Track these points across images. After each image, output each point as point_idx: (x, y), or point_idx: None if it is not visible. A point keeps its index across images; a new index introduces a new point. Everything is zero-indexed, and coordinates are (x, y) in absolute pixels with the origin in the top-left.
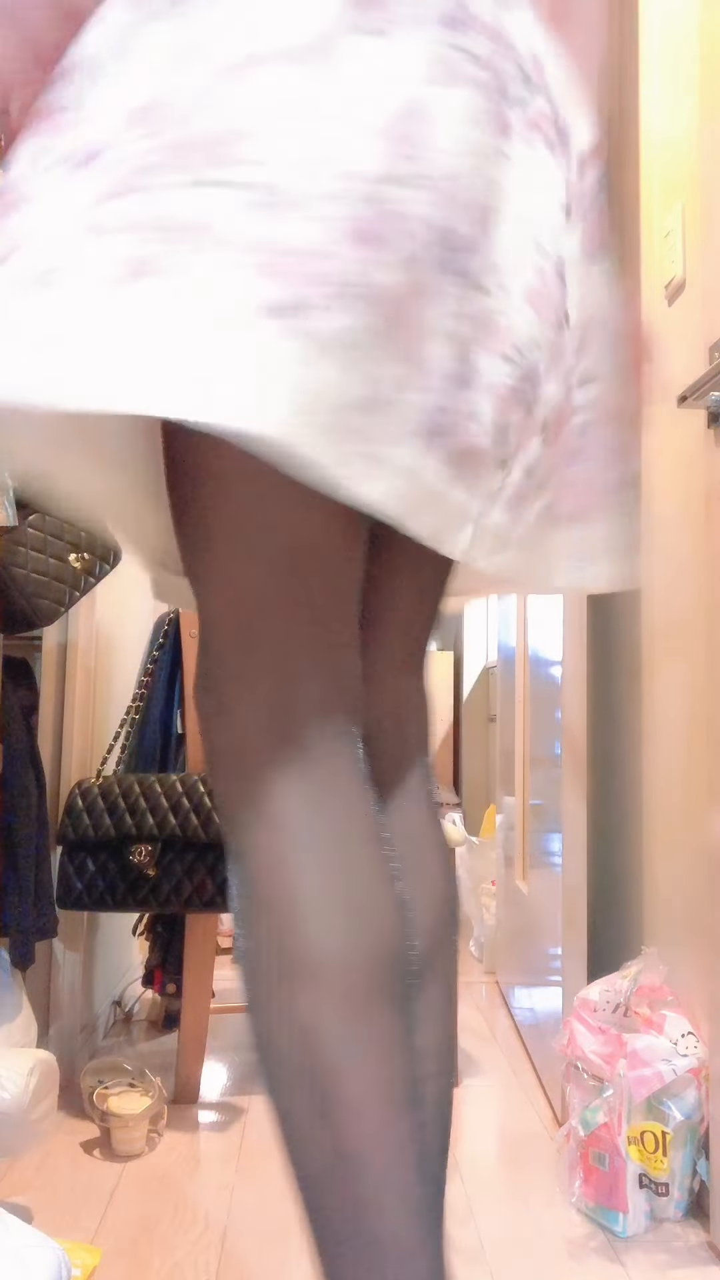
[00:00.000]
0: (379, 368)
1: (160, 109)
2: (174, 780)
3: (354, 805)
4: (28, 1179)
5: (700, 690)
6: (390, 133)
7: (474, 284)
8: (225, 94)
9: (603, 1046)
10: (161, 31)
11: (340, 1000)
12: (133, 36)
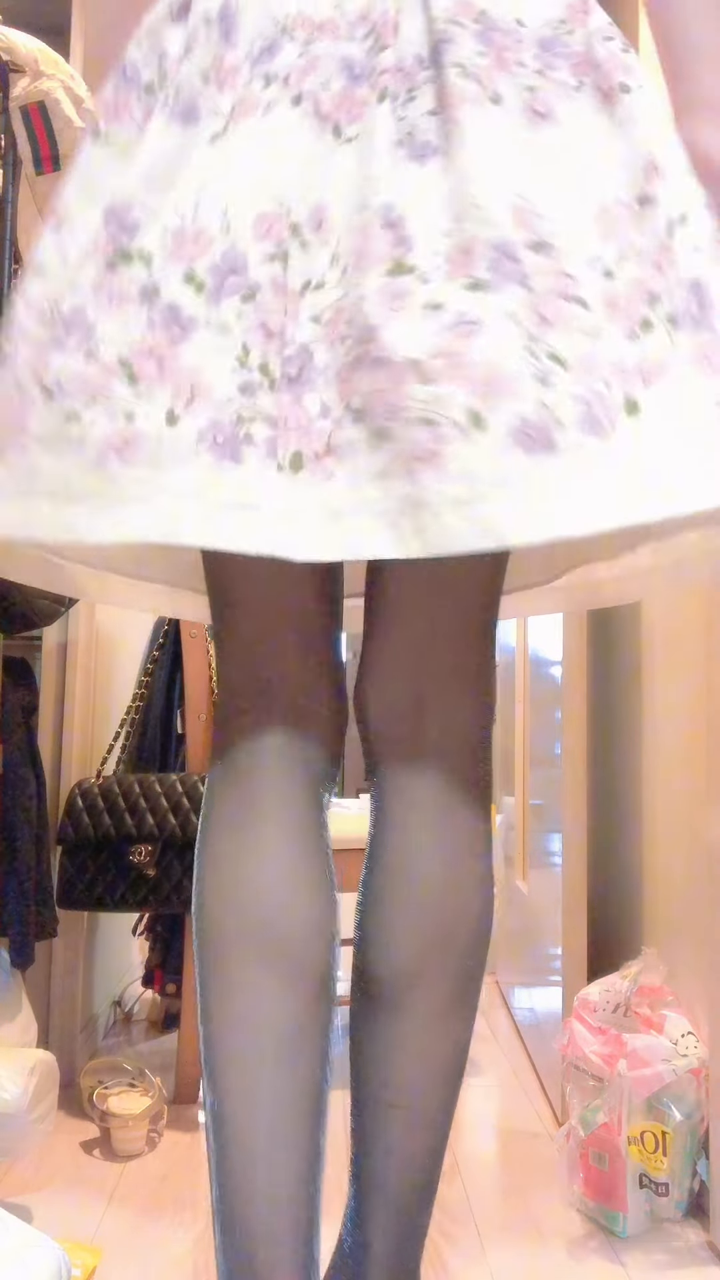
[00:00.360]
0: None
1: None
2: (174, 780)
3: (264, 813)
4: (28, 1179)
5: (700, 690)
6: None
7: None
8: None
9: (603, 1046)
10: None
11: (211, 963)
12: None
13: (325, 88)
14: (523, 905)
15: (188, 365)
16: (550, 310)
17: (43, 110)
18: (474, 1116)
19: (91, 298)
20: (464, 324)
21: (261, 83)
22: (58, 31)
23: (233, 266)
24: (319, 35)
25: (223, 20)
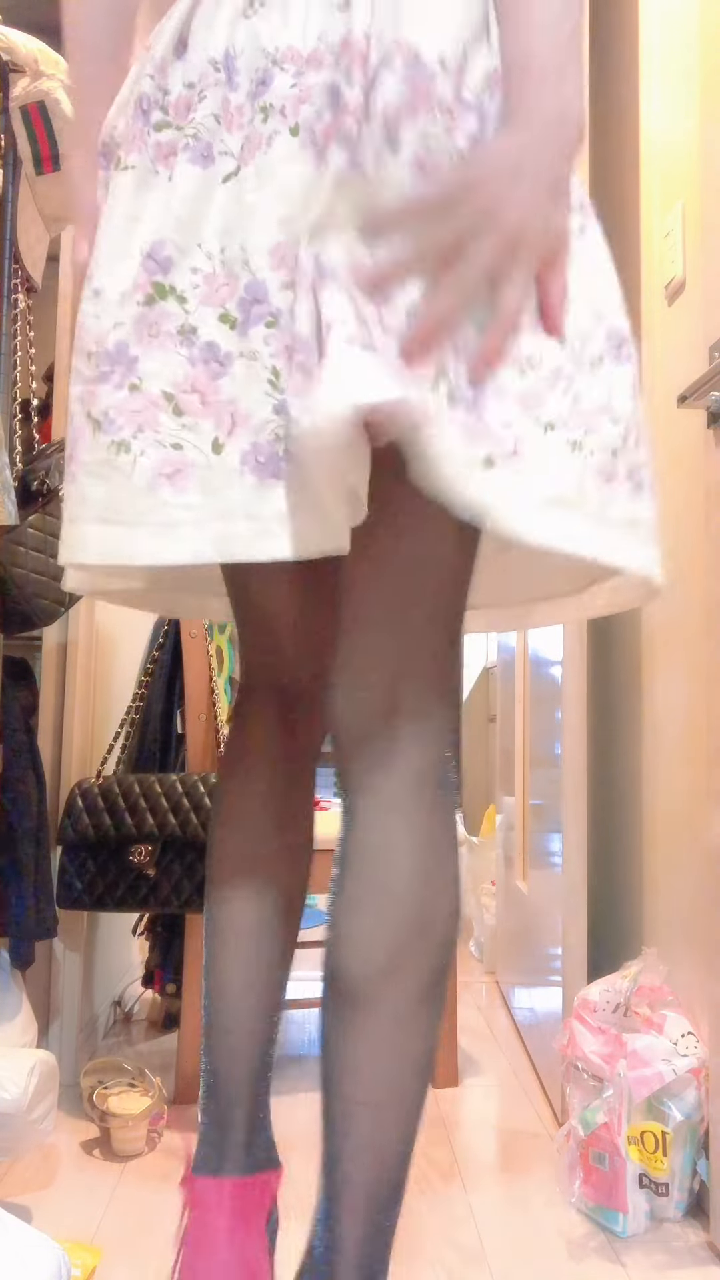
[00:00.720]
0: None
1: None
2: (174, 780)
3: (254, 798)
4: (28, 1179)
5: (700, 690)
6: None
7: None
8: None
9: (603, 1046)
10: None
11: (217, 891)
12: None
13: (319, 117)
14: (523, 905)
15: (227, 397)
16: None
17: (43, 110)
18: (474, 1116)
19: (133, 333)
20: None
21: (261, 116)
22: (58, 31)
23: (256, 296)
24: (308, 68)
25: (226, 64)
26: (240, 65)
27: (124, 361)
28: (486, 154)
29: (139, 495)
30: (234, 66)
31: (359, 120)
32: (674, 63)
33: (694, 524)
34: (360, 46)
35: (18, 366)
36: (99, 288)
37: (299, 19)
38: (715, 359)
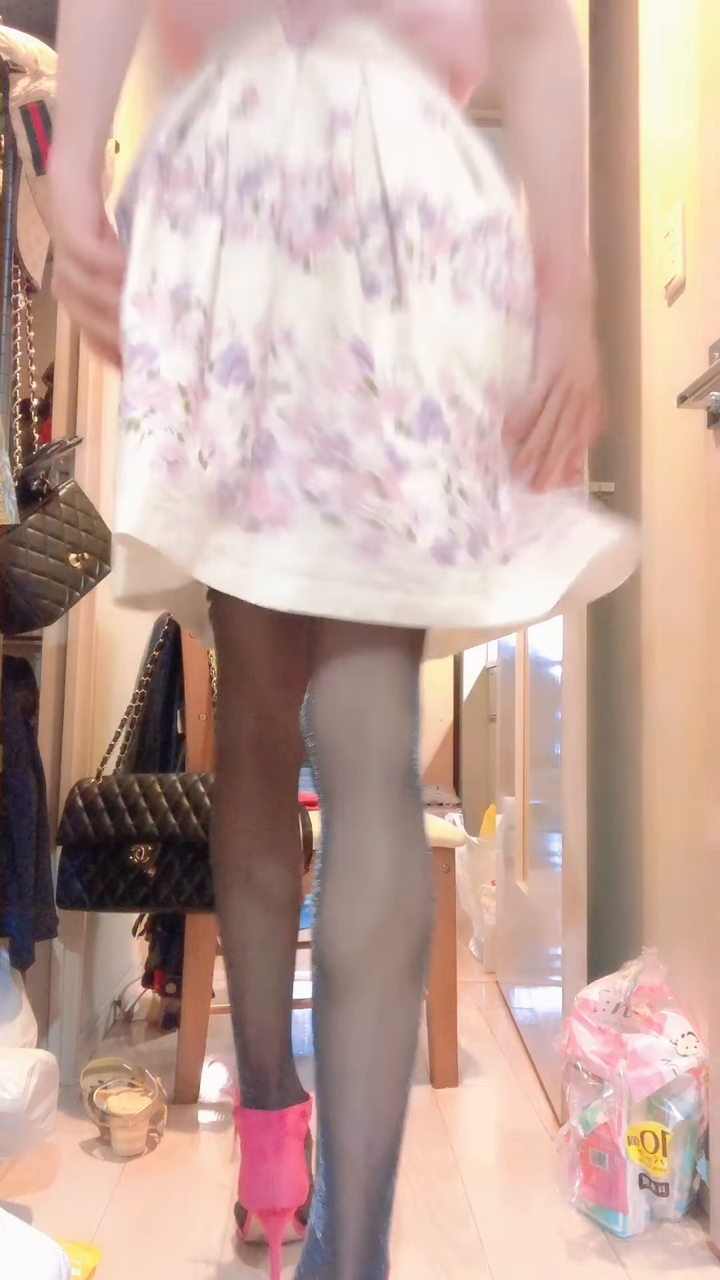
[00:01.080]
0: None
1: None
2: (174, 780)
3: (250, 810)
4: (28, 1179)
5: (700, 690)
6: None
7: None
8: None
9: (603, 1046)
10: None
11: (225, 894)
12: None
13: (299, 229)
14: (523, 905)
15: (209, 424)
16: (462, 457)
17: (43, 110)
18: (474, 1116)
19: (156, 326)
20: (396, 459)
21: (251, 209)
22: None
23: (238, 358)
24: (293, 183)
25: (219, 149)
26: (232, 150)
27: (144, 353)
28: (560, 339)
29: (143, 471)
30: (227, 149)
31: (359, 239)
32: (674, 64)
33: (694, 524)
34: (345, 172)
35: (18, 366)
36: (134, 291)
37: (284, 131)
38: (715, 359)
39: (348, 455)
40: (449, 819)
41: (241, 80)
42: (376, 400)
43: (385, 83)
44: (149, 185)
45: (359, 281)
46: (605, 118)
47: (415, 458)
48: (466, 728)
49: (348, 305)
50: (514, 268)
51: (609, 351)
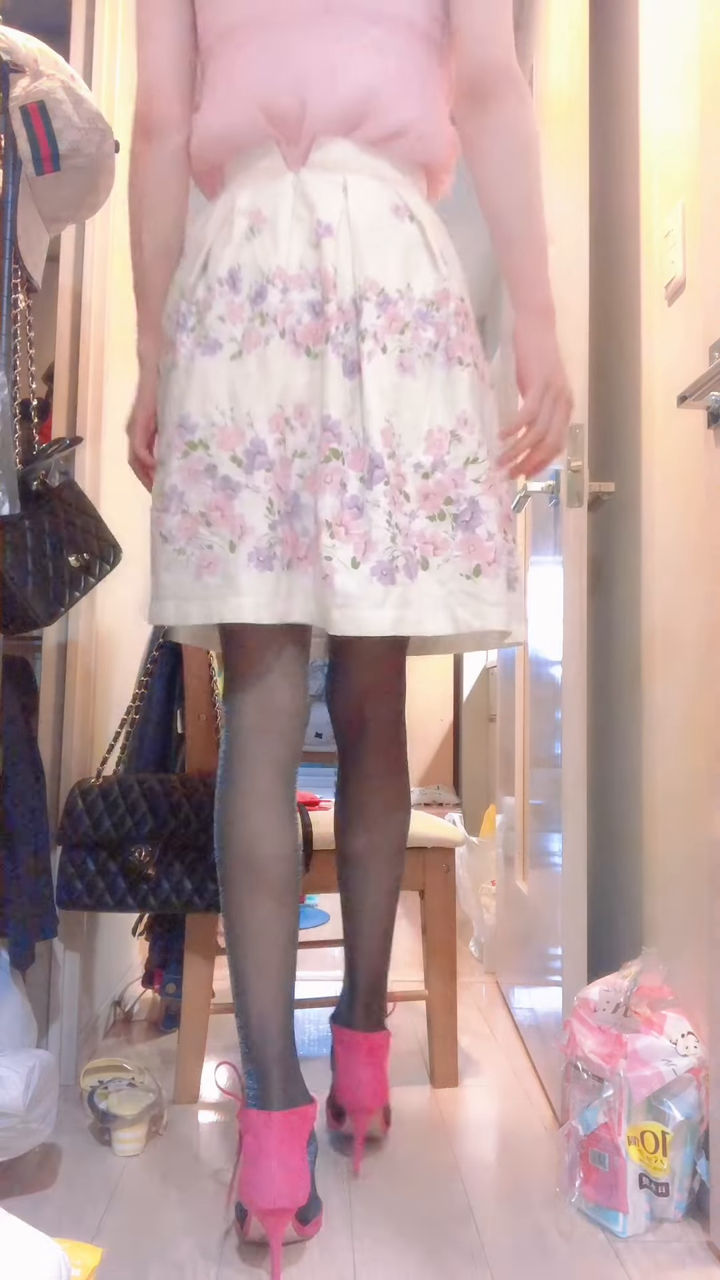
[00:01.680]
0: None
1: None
2: (174, 780)
3: (259, 780)
4: (28, 1179)
5: (700, 690)
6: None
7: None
8: None
9: (603, 1046)
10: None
11: (228, 884)
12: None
13: (299, 323)
14: (523, 905)
15: (238, 514)
16: (395, 497)
17: (43, 110)
18: (474, 1116)
19: (178, 478)
20: (354, 505)
21: (259, 321)
22: (58, 31)
23: (258, 449)
24: (292, 285)
25: (231, 278)
26: (242, 277)
27: (175, 497)
28: (540, 344)
29: (192, 580)
30: (238, 278)
31: (340, 331)
32: (674, 63)
33: (694, 524)
34: (330, 276)
35: (18, 366)
36: (165, 450)
37: (285, 248)
38: (715, 359)
39: (316, 507)
40: (449, 819)
41: (249, 209)
42: (339, 464)
43: (362, 191)
44: (173, 352)
45: (340, 366)
46: (605, 118)
47: (365, 501)
48: (466, 728)
49: (328, 386)
50: (462, 326)
51: (609, 351)
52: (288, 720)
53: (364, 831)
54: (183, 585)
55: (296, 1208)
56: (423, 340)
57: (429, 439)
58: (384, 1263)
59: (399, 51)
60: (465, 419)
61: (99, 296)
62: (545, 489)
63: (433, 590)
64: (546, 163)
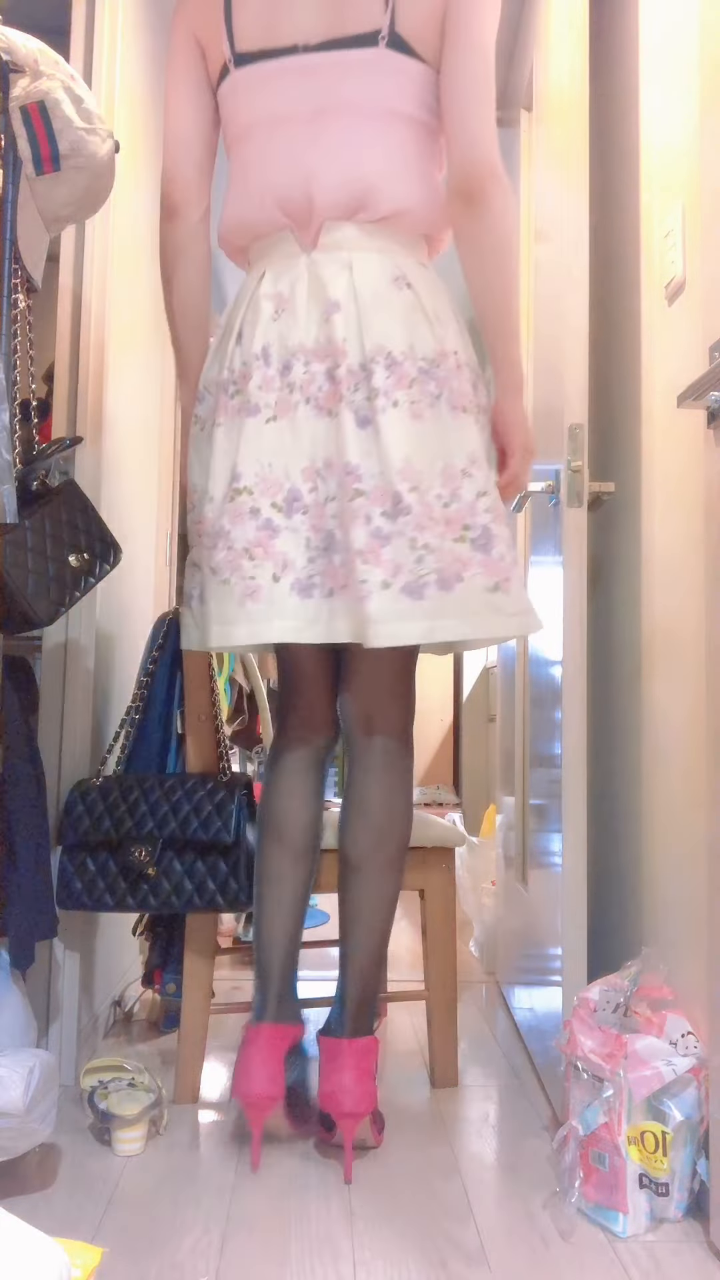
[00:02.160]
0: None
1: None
2: (174, 780)
3: (292, 775)
4: (28, 1179)
5: (700, 690)
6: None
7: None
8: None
9: (603, 1046)
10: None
11: (261, 842)
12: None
13: (320, 390)
14: (523, 905)
15: (279, 551)
16: (424, 524)
17: (43, 110)
18: (474, 1116)
19: (226, 518)
20: (380, 535)
21: (288, 390)
22: (58, 31)
23: (295, 497)
24: (313, 358)
25: (264, 354)
26: (273, 354)
27: (222, 535)
28: (517, 419)
29: (235, 607)
30: (269, 354)
31: (350, 391)
32: (674, 64)
33: (694, 524)
34: (340, 346)
35: (17, 366)
36: (212, 495)
37: (303, 325)
38: (715, 359)
39: (347, 540)
40: (449, 819)
41: (273, 292)
42: (363, 501)
43: (365, 266)
44: (216, 411)
45: (354, 421)
46: (605, 118)
47: (391, 531)
48: (466, 728)
49: (345, 438)
50: (461, 378)
51: (609, 351)
52: (323, 720)
53: (365, 836)
54: (226, 611)
55: (268, 1099)
56: (427, 393)
57: (444, 475)
58: (384, 1263)
59: (392, 141)
60: (474, 458)
61: (99, 296)
62: (545, 489)
63: (464, 603)
64: (547, 162)
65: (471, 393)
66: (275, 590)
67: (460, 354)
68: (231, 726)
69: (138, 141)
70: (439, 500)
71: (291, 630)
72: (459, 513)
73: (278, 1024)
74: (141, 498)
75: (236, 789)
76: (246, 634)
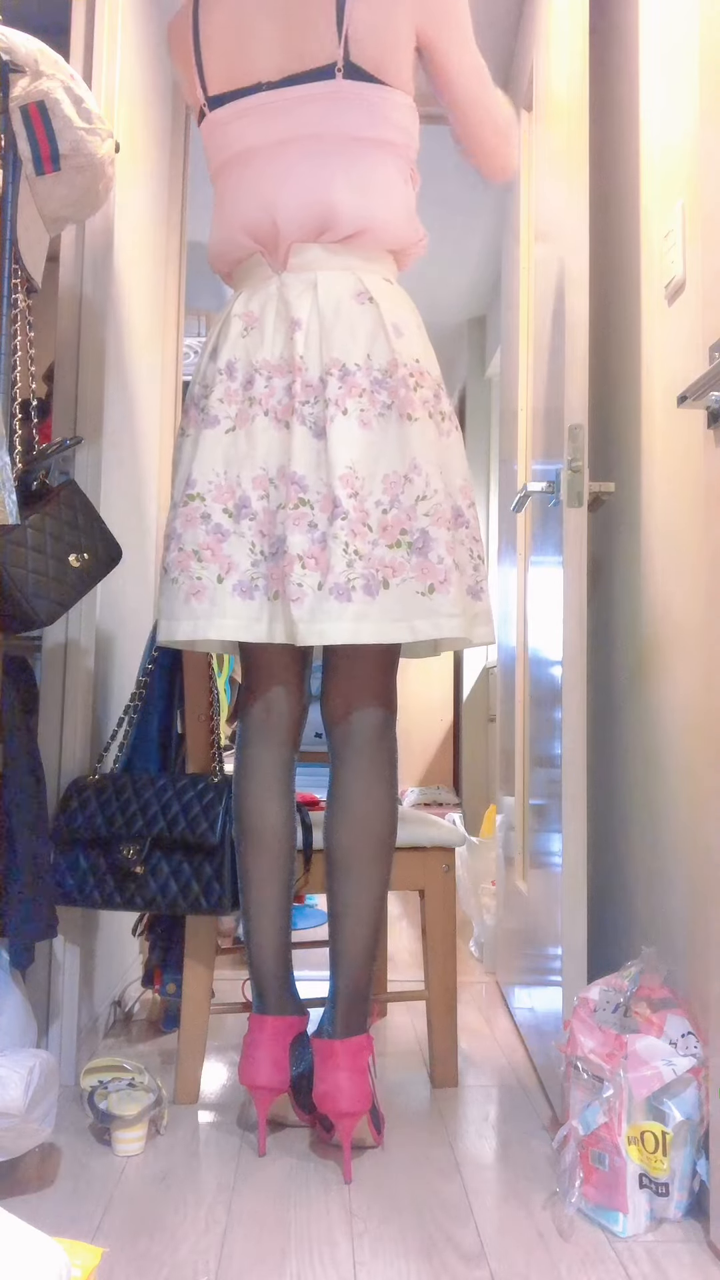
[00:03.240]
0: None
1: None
2: (166, 780)
3: (262, 767)
4: (28, 1179)
5: (700, 690)
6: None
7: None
8: None
9: (603, 1046)
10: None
11: (240, 845)
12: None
13: (280, 403)
14: (523, 905)
15: (226, 554)
16: (357, 529)
17: (43, 110)
18: (474, 1116)
19: (179, 521)
20: (318, 541)
21: (248, 404)
22: (58, 31)
23: (245, 504)
24: (274, 374)
25: (229, 368)
26: (237, 369)
27: (175, 537)
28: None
29: (180, 605)
30: (234, 369)
31: (303, 405)
32: (674, 64)
33: (694, 524)
34: (299, 363)
35: (18, 367)
36: (174, 500)
37: (269, 342)
38: (715, 359)
39: (286, 545)
40: (449, 819)
41: (244, 311)
42: (306, 509)
43: (329, 284)
44: (188, 423)
45: (307, 433)
46: (605, 118)
47: (327, 535)
48: (466, 728)
49: (294, 448)
50: (413, 387)
51: (609, 351)
52: (286, 720)
53: (347, 830)
54: (173, 608)
55: (273, 1087)
56: (378, 402)
57: (386, 481)
58: (384, 1263)
59: (355, 165)
60: (415, 464)
61: (99, 296)
62: (545, 489)
63: (392, 606)
64: (547, 163)
65: (428, 401)
66: (218, 590)
67: (421, 363)
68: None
69: (138, 141)
70: (378, 506)
71: (232, 629)
72: (397, 519)
73: (280, 1016)
74: (141, 498)
75: (226, 790)
76: (189, 629)
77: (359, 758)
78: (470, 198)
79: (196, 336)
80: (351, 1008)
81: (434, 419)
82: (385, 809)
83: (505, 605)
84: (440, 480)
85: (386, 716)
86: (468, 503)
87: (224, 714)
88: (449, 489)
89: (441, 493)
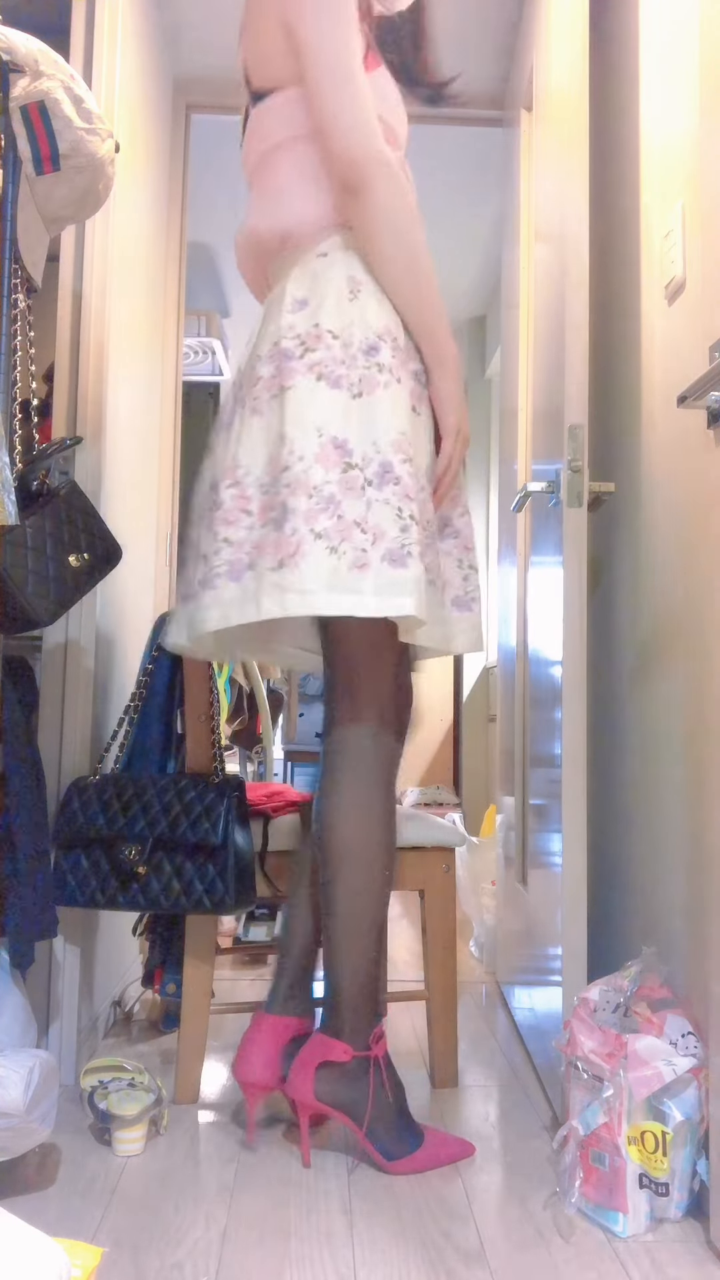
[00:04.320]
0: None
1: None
2: (167, 781)
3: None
4: (28, 1179)
5: (700, 690)
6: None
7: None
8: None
9: (603, 1046)
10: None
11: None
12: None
13: (250, 391)
14: (523, 905)
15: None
16: (231, 517)
17: (43, 110)
18: (474, 1116)
19: (208, 506)
20: (209, 533)
21: (236, 397)
22: (58, 31)
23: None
24: (243, 379)
25: (234, 378)
26: (244, 367)
27: (202, 521)
28: (452, 401)
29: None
30: (244, 367)
31: (250, 390)
32: (674, 63)
33: (694, 524)
34: (258, 356)
35: (18, 367)
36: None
37: (249, 353)
38: (715, 359)
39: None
40: (449, 819)
41: (253, 326)
42: (237, 489)
43: (283, 287)
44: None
45: (249, 409)
46: (605, 118)
47: (208, 526)
48: (466, 728)
49: (233, 430)
50: (288, 355)
51: (609, 351)
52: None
53: (315, 827)
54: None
55: (263, 1085)
56: (276, 384)
57: (270, 460)
58: (384, 1263)
59: (262, 183)
60: (283, 434)
61: (99, 296)
62: (545, 489)
63: (249, 586)
64: (547, 163)
65: (323, 362)
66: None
67: (321, 326)
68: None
69: (138, 141)
70: (260, 489)
71: (218, 617)
72: (273, 498)
73: (282, 1015)
74: (141, 498)
75: (228, 791)
76: (215, 618)
77: (328, 758)
78: (470, 198)
79: (196, 336)
80: (333, 1009)
81: (328, 379)
82: (345, 813)
83: (505, 605)
84: (314, 442)
85: (358, 713)
86: (437, 489)
87: (224, 714)
88: (364, 448)
89: (310, 457)
